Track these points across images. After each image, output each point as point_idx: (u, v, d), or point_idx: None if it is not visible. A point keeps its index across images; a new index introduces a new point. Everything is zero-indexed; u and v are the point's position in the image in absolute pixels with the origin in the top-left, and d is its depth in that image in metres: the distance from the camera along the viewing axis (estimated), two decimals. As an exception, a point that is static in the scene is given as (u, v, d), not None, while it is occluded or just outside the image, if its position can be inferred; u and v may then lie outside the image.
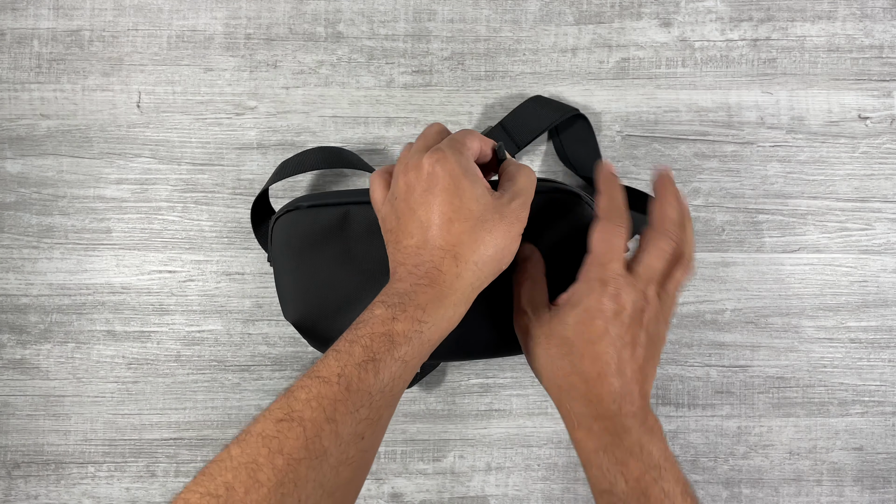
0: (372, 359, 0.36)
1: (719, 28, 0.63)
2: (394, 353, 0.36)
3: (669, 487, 0.39)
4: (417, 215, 0.40)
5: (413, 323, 0.37)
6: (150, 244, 0.62)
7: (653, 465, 0.39)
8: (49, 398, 0.62)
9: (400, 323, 0.37)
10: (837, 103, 0.63)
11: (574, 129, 0.61)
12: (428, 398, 0.62)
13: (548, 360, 0.42)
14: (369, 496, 0.62)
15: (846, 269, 0.62)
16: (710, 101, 0.62)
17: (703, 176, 0.62)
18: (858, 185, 0.62)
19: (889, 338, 0.63)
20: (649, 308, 0.41)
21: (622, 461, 0.39)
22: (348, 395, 0.35)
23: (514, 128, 0.60)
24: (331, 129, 0.62)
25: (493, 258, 0.40)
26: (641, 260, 0.42)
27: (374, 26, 0.62)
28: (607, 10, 0.63)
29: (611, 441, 0.40)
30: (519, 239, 0.42)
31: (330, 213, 0.50)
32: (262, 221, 0.58)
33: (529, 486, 0.62)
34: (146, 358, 0.62)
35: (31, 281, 0.62)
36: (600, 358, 0.40)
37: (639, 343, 0.41)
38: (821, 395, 0.63)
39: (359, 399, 0.35)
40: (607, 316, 0.40)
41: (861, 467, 0.63)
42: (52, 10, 0.62)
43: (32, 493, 0.62)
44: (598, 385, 0.40)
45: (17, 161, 0.62)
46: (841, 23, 0.63)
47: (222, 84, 0.62)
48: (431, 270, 0.39)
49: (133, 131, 0.62)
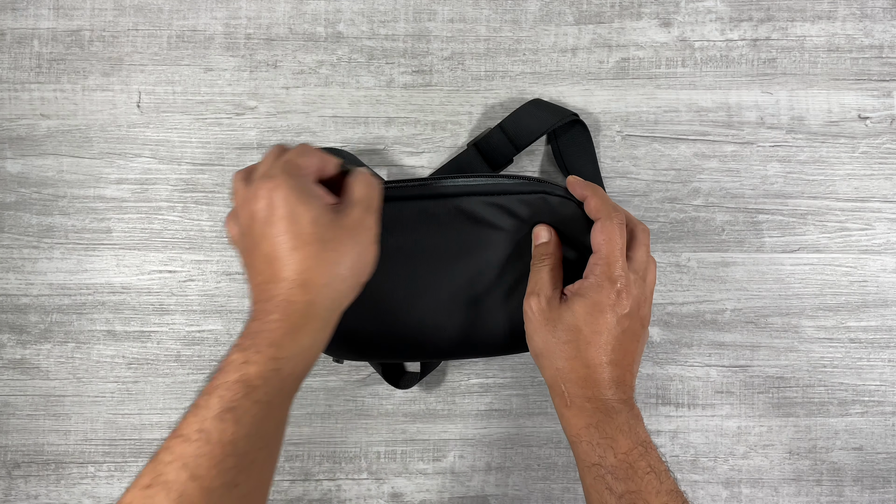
0: (229, 408, 0.35)
1: (719, 28, 0.63)
2: (252, 397, 0.36)
3: (655, 463, 0.42)
4: (262, 250, 0.40)
5: (268, 362, 0.37)
6: (151, 244, 0.62)
7: (640, 441, 0.42)
8: (49, 398, 0.62)
9: (253, 366, 0.37)
10: (837, 103, 0.63)
11: (572, 134, 0.61)
12: (428, 398, 0.62)
13: (553, 342, 0.45)
14: (369, 496, 0.62)
15: (846, 269, 0.62)
16: (710, 101, 0.62)
17: (703, 176, 0.62)
18: (858, 185, 0.63)
19: (889, 338, 0.63)
20: (646, 302, 0.46)
21: (611, 436, 0.42)
22: (210, 448, 0.35)
23: (512, 130, 0.60)
24: (331, 129, 0.62)
25: (347, 275, 0.41)
26: (633, 257, 0.45)
27: (374, 26, 0.62)
28: (607, 10, 0.63)
29: (602, 418, 0.43)
30: (373, 245, 0.42)
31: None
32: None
33: (529, 486, 0.62)
34: (146, 358, 0.62)
35: (32, 281, 0.62)
36: (605, 348, 0.43)
37: (638, 337, 0.45)
38: (821, 395, 0.63)
39: (221, 451, 0.35)
40: (616, 311, 0.43)
41: (861, 467, 0.63)
42: (52, 10, 0.62)
43: (32, 493, 0.62)
44: (598, 371, 0.43)
45: (18, 161, 0.62)
46: (841, 23, 0.63)
47: (222, 84, 0.62)
48: (282, 304, 0.39)
49: (133, 131, 0.62)
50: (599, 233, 0.44)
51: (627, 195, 0.62)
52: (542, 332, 0.45)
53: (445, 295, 0.50)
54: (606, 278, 0.43)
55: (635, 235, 0.47)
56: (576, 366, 0.44)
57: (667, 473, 0.42)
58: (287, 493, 0.62)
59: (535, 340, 0.46)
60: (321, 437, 0.62)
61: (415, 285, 0.50)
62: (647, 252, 0.47)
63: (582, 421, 0.43)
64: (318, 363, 0.62)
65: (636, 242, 0.46)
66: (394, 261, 0.50)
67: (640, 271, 0.45)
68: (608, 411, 0.43)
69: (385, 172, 0.62)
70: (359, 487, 0.62)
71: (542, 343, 0.45)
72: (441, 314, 0.51)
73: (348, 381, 0.62)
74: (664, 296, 0.62)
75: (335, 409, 0.62)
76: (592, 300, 0.43)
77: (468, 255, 0.50)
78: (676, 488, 0.42)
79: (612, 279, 0.43)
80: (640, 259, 0.46)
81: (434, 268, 0.50)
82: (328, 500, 0.62)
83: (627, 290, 0.44)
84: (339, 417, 0.62)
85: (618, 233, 0.44)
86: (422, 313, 0.51)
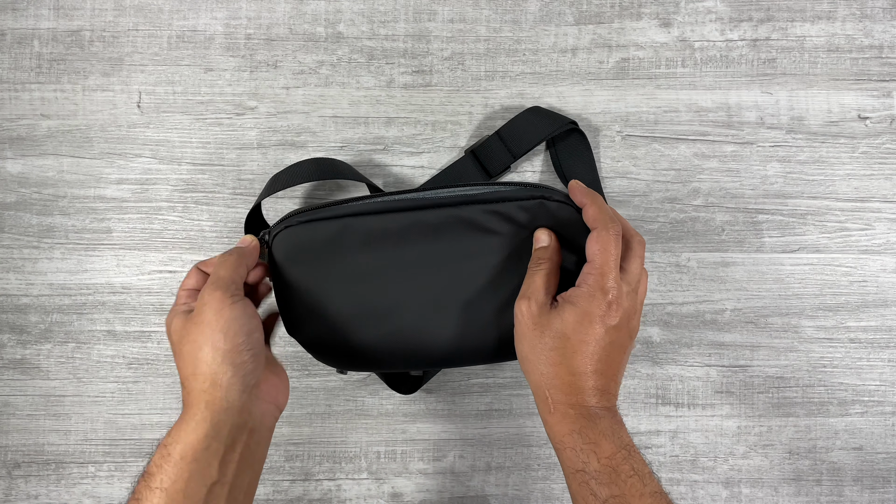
0: (136, 499, 0.40)
1: (719, 28, 0.63)
2: (150, 485, 0.40)
3: (638, 466, 0.42)
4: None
5: (161, 450, 0.42)
6: (151, 244, 0.62)
7: (623, 445, 0.43)
8: (49, 398, 0.62)
9: (154, 457, 0.42)
10: (837, 103, 0.63)
11: (570, 142, 0.61)
12: (428, 398, 0.62)
13: (539, 347, 0.45)
14: (369, 496, 0.62)
15: (846, 269, 0.63)
16: (710, 101, 0.63)
17: (703, 176, 0.62)
18: (858, 185, 0.63)
19: (889, 338, 0.63)
20: (636, 314, 0.46)
21: (594, 441, 0.42)
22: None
23: (509, 138, 0.60)
24: (331, 129, 0.62)
25: (209, 354, 0.43)
26: (627, 269, 0.46)
27: (374, 26, 0.62)
28: (607, 10, 0.63)
29: (585, 424, 0.43)
30: (225, 309, 0.44)
31: (328, 228, 0.50)
32: (255, 235, 0.58)
33: (529, 486, 0.62)
34: (146, 358, 0.62)
35: (32, 281, 0.62)
36: (591, 357, 0.44)
37: (625, 348, 0.46)
38: (820, 394, 0.63)
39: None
40: (606, 322, 0.44)
41: (861, 467, 0.63)
42: (52, 10, 0.62)
43: (33, 493, 0.62)
44: (582, 379, 0.44)
45: (18, 161, 0.62)
46: (841, 23, 0.63)
47: (222, 84, 0.62)
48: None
49: (133, 131, 0.62)
50: (595, 242, 0.45)
51: (627, 195, 0.62)
52: (529, 336, 0.45)
53: (442, 302, 0.50)
54: (598, 289, 0.44)
55: (631, 246, 0.47)
56: (560, 372, 0.44)
57: (650, 476, 0.43)
58: (287, 493, 0.62)
59: (522, 344, 0.46)
60: (321, 437, 0.62)
61: (410, 295, 0.50)
62: (641, 264, 0.47)
63: (566, 427, 0.44)
64: (318, 363, 0.62)
65: (631, 254, 0.47)
66: (387, 274, 0.50)
67: (633, 283, 0.46)
68: (591, 417, 0.43)
69: (385, 172, 0.62)
70: (359, 487, 0.62)
71: (529, 347, 0.45)
72: (437, 322, 0.50)
73: (348, 381, 0.62)
74: (664, 296, 0.62)
75: (335, 409, 0.62)
76: (583, 309, 0.44)
77: (465, 261, 0.49)
78: (660, 489, 0.42)
79: (604, 290, 0.44)
80: (634, 271, 0.46)
81: (429, 278, 0.50)
82: (328, 500, 0.62)
83: (618, 302, 0.44)
84: (339, 417, 0.62)
85: (613, 244, 0.44)
86: (418, 321, 0.50)
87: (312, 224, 0.50)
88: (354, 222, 0.49)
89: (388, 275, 0.50)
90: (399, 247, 0.49)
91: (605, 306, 0.43)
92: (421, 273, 0.50)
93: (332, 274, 0.50)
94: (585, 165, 0.61)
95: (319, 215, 0.50)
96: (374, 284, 0.50)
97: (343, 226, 0.49)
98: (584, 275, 0.45)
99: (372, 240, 0.49)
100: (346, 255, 0.50)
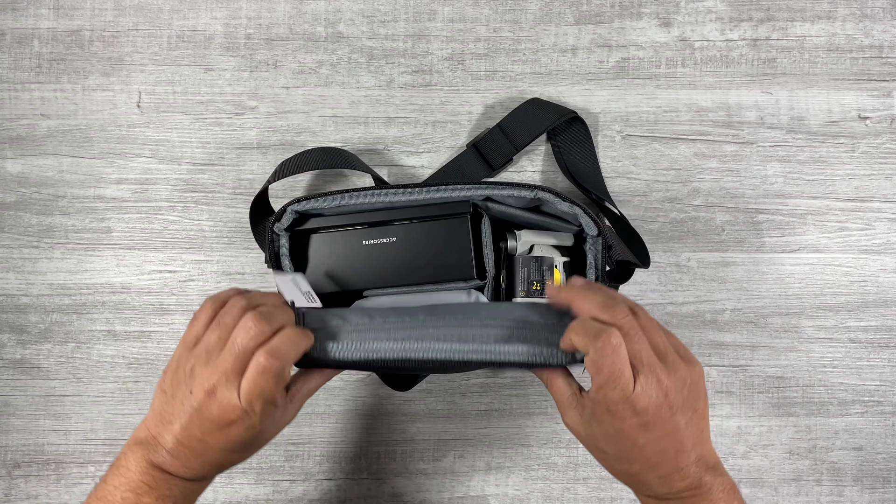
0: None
1: (719, 28, 0.63)
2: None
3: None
4: None
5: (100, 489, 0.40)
6: (151, 244, 0.62)
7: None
8: (49, 398, 0.62)
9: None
10: (837, 103, 0.63)
11: (571, 132, 0.61)
12: (428, 398, 0.62)
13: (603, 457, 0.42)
14: (369, 496, 0.62)
15: (846, 269, 0.62)
16: (710, 101, 0.62)
17: (703, 176, 0.62)
18: (858, 185, 0.62)
19: (889, 338, 0.63)
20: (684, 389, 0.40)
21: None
22: None
23: (511, 130, 0.60)
24: (331, 129, 0.62)
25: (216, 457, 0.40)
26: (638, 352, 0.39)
27: (374, 26, 0.62)
28: (607, 10, 0.63)
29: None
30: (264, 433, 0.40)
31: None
32: (260, 220, 0.58)
33: (529, 486, 0.62)
34: (146, 358, 0.62)
35: (32, 281, 0.62)
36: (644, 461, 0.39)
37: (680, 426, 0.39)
38: (820, 394, 0.63)
39: None
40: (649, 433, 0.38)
41: (861, 467, 0.63)
42: (52, 10, 0.62)
43: (33, 493, 0.62)
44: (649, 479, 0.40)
45: (18, 161, 0.62)
46: (841, 23, 0.63)
47: (222, 84, 0.62)
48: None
49: (133, 131, 0.62)
50: (594, 360, 0.37)
51: (627, 195, 0.62)
52: (588, 444, 0.42)
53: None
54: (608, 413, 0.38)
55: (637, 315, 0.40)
56: (631, 473, 0.40)
57: None
58: (287, 493, 0.62)
59: (592, 451, 0.43)
60: (321, 437, 0.62)
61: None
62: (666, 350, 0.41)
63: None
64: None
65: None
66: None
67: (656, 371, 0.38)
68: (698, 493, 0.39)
69: (385, 172, 0.62)
70: (359, 487, 0.62)
71: (601, 456, 0.42)
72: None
73: (348, 381, 0.62)
74: (664, 296, 0.62)
75: (335, 409, 0.62)
76: (616, 429, 0.38)
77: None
78: None
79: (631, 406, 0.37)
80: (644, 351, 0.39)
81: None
82: (328, 500, 0.62)
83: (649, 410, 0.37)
84: (339, 417, 0.62)
85: (618, 352, 0.37)
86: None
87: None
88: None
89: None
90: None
91: (636, 420, 0.38)
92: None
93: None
94: (586, 154, 0.61)
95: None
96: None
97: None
98: (594, 390, 0.38)
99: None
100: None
